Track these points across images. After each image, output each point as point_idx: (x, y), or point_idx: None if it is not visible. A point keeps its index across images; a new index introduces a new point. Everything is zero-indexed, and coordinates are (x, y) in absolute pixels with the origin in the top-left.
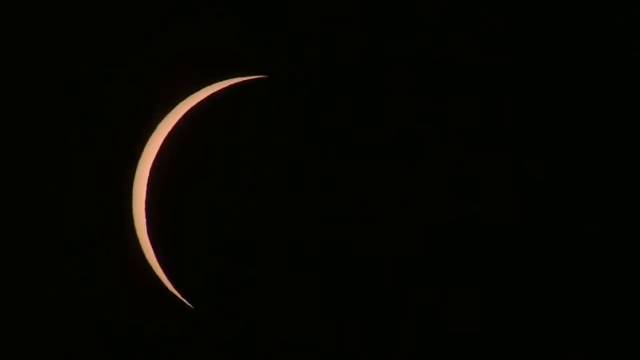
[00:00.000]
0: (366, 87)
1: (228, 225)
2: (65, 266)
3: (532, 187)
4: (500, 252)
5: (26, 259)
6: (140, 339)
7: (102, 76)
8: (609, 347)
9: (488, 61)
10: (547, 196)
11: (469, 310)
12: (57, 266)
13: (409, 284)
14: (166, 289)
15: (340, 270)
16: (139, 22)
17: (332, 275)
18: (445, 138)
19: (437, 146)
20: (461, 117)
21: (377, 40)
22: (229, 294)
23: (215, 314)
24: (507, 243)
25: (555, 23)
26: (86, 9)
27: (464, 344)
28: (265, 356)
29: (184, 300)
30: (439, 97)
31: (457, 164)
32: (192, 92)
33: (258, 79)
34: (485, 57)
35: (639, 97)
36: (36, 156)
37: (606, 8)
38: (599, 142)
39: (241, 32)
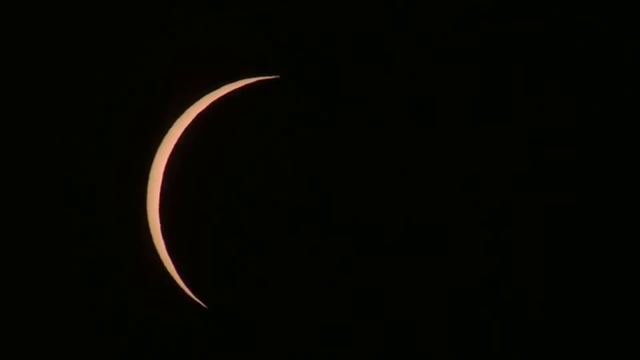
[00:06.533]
0: (377, 86)
1: (241, 225)
2: (79, 267)
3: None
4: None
5: (39, 260)
6: (154, 338)
7: (114, 79)
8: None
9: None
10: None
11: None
12: (71, 267)
13: (416, 285)
14: (180, 288)
15: (353, 268)
16: (150, 23)
17: (345, 273)
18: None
19: (448, 142)
20: (465, 118)
21: (387, 40)
22: (243, 294)
23: (229, 313)
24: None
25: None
26: (99, 9)
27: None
28: (279, 355)
29: (198, 300)
30: (444, 97)
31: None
32: (205, 92)
33: (270, 78)
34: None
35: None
36: (51, 160)
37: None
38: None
39: (252, 32)
